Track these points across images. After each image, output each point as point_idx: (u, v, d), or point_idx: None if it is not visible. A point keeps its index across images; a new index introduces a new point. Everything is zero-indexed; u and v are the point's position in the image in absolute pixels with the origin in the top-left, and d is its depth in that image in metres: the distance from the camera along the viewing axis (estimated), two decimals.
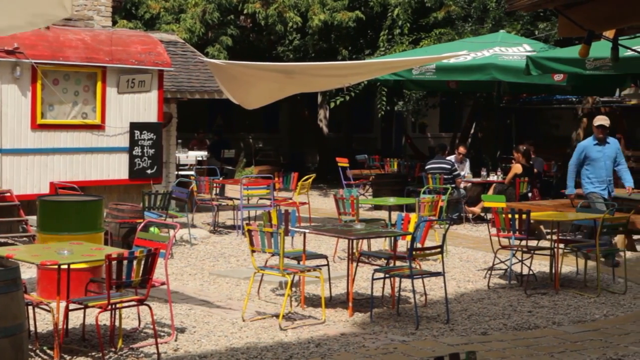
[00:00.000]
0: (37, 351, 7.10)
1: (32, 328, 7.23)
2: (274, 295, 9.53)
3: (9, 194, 12.59)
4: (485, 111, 23.36)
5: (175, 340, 7.55)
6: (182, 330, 7.89)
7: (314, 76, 11.28)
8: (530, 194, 15.87)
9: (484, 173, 16.76)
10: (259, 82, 11.50)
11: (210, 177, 15.99)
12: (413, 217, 9.64)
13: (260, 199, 15.11)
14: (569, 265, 11.23)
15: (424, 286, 9.35)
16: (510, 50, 16.03)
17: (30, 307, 7.05)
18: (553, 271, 10.30)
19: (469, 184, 16.50)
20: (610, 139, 11.92)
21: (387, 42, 20.25)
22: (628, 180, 12.02)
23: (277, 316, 8.34)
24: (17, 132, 12.92)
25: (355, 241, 9.62)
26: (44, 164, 13.20)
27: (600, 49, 10.43)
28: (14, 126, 12.89)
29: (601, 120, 11.98)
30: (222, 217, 15.47)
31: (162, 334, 7.74)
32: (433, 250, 8.79)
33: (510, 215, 10.18)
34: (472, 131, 24.25)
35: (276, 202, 14.35)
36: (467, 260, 12.06)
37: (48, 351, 7.09)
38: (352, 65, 12.97)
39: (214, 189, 15.12)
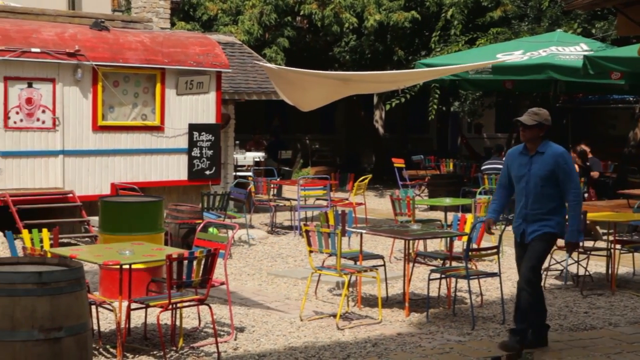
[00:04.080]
0: (101, 350, 7.28)
1: (95, 327, 7.40)
2: (331, 295, 9.62)
3: (71, 195, 12.88)
4: None
5: (235, 340, 7.67)
6: (241, 330, 8.01)
7: (369, 82, 11.36)
8: (586, 195, 15.72)
9: None
10: (314, 86, 11.61)
11: (268, 178, 16.14)
12: (469, 217, 9.66)
13: (317, 199, 15.21)
14: (625, 266, 11.13)
15: (480, 287, 9.36)
16: (567, 50, 15.92)
17: (93, 307, 7.22)
18: (609, 272, 10.23)
19: None
20: (552, 147, 7.33)
21: (442, 43, 20.21)
22: (570, 227, 7.35)
23: (334, 316, 8.43)
24: (79, 134, 13.21)
25: (411, 242, 9.66)
26: (105, 165, 13.46)
27: None
28: (76, 128, 13.18)
29: (525, 113, 7.66)
30: (279, 218, 15.60)
31: (222, 333, 7.87)
32: (489, 251, 8.81)
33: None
34: None
35: (333, 202, 14.43)
36: None
37: (111, 350, 7.26)
38: (406, 73, 12.99)
39: (272, 189, 15.26)
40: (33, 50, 12.66)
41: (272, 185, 15.28)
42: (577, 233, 7.34)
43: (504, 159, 7.48)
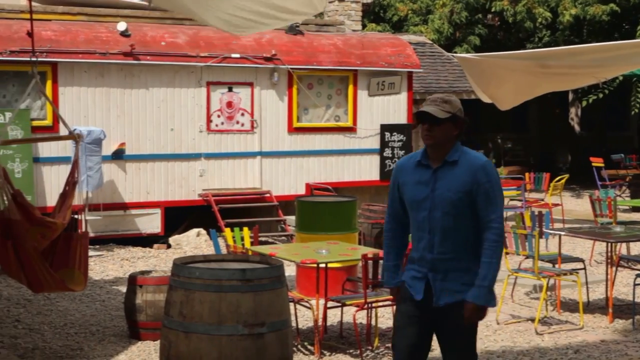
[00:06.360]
0: (299, 346, 7.40)
1: (293, 324, 7.53)
2: (528, 298, 9.37)
3: (268, 195, 13.22)
4: None
5: None
6: None
7: (568, 67, 10.82)
8: None
9: None
10: (511, 75, 11.25)
11: None
12: None
13: (511, 200, 14.88)
14: None
15: None
16: None
17: (291, 304, 7.35)
18: None
19: None
20: (469, 156, 4.70)
21: None
22: (479, 281, 4.65)
23: (532, 320, 8.21)
24: (275, 136, 13.53)
25: (614, 244, 9.28)
26: (299, 165, 13.73)
27: None
28: (272, 130, 13.51)
29: (428, 102, 4.76)
30: None
31: None
32: None
33: None
34: None
35: (527, 203, 14.08)
36: None
37: (309, 347, 7.37)
38: (610, 46, 11.75)
39: None
40: (233, 55, 13.09)
41: None
42: (487, 292, 4.66)
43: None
